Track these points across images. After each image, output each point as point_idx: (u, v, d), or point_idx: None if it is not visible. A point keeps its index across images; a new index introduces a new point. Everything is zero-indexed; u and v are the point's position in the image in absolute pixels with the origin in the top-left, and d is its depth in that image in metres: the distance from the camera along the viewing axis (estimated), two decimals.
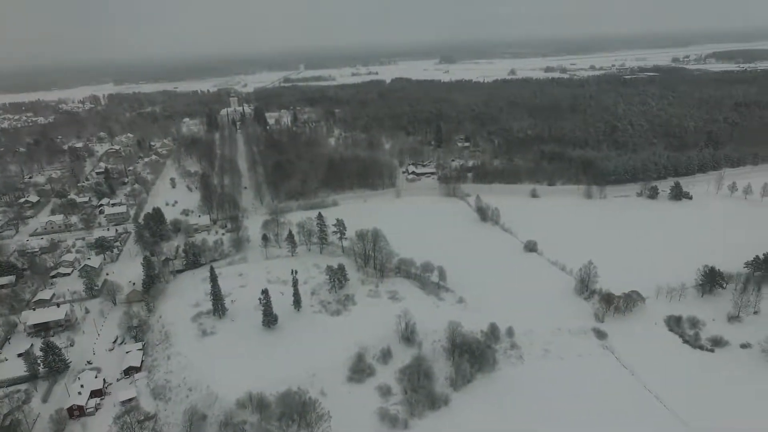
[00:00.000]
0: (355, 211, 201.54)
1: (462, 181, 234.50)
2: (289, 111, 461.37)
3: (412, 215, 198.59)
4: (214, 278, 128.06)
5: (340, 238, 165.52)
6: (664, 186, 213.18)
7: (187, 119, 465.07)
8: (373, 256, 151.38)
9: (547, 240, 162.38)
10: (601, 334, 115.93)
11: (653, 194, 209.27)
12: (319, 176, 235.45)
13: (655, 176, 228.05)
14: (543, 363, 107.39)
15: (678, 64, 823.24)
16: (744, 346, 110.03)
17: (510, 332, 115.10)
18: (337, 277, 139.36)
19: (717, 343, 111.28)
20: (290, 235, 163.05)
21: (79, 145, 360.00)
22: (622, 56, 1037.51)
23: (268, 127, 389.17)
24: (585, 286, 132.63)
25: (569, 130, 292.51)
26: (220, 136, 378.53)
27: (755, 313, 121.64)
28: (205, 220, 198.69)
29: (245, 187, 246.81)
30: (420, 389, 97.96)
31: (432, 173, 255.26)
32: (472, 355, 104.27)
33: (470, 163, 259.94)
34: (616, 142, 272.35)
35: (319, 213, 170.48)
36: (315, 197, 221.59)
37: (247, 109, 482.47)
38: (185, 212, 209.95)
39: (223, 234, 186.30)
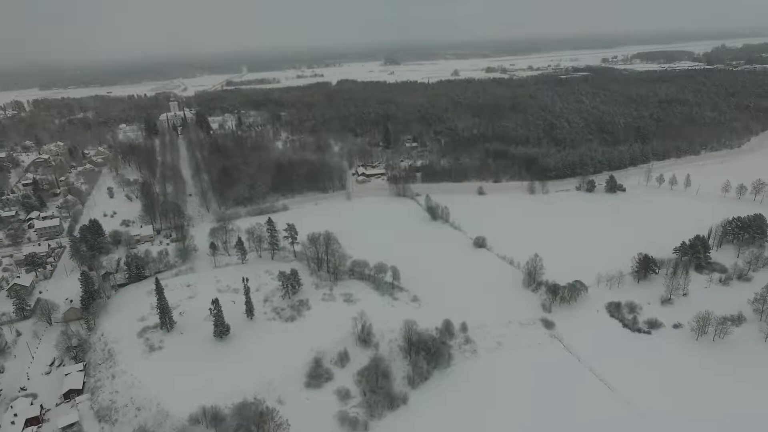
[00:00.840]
0: (306, 214, 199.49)
1: (411, 181, 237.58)
2: (233, 115, 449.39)
3: (364, 217, 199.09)
4: (160, 290, 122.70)
5: (292, 243, 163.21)
6: (600, 179, 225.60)
7: (123, 125, 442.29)
8: (326, 259, 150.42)
9: (495, 235, 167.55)
10: (548, 324, 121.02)
11: (591, 188, 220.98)
12: (267, 181, 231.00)
13: (592, 170, 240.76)
14: (496, 355, 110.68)
15: (607, 64, 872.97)
16: (676, 326, 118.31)
17: (464, 327, 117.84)
18: (290, 282, 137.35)
19: (653, 325, 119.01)
20: (239, 242, 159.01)
21: (2, 155, 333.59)
22: (557, 57, 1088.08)
23: (211, 132, 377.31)
24: (532, 278, 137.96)
25: (511, 129, 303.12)
26: (160, 143, 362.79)
27: (684, 295, 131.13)
28: (147, 230, 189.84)
29: (190, 195, 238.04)
30: (379, 390, 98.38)
31: (382, 174, 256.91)
32: (428, 352, 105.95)
33: (419, 163, 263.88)
34: (555, 139, 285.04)
35: (269, 218, 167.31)
36: (264, 202, 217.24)
37: (189, 113, 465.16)
38: (125, 223, 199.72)
39: (168, 244, 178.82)
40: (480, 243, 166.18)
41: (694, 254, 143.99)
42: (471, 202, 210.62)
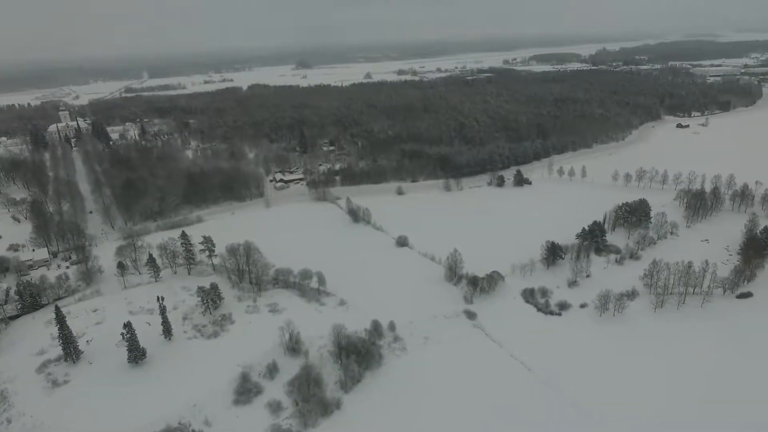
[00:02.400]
0: (224, 225, 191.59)
1: (331, 184, 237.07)
2: (136, 124, 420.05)
3: (285, 223, 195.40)
4: (61, 319, 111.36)
5: (209, 256, 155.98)
6: (509, 174, 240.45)
7: (4, 138, 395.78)
8: (248, 270, 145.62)
9: (416, 233, 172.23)
10: (471, 315, 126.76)
11: (501, 182, 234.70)
12: (178, 192, 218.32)
13: (501, 166, 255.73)
14: (424, 351, 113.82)
15: (508, 66, 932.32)
16: (582, 306, 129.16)
17: (392, 326, 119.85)
18: (211, 297, 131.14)
19: (563, 307, 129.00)
20: (151, 259, 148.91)
21: None
22: (463, 59, 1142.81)
23: (111, 143, 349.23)
24: (453, 272, 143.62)
25: (424, 129, 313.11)
26: (51, 156, 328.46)
27: (587, 276, 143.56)
28: (41, 253, 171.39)
29: (90, 212, 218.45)
30: (311, 398, 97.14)
31: (300, 179, 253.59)
32: (359, 354, 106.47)
33: (337, 167, 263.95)
34: (466, 138, 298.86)
35: (183, 231, 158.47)
36: (176, 215, 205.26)
37: (83, 123, 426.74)
38: (13, 247, 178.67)
39: (67, 267, 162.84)
40: (402, 242, 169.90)
41: (593, 239, 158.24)
42: (391, 203, 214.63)
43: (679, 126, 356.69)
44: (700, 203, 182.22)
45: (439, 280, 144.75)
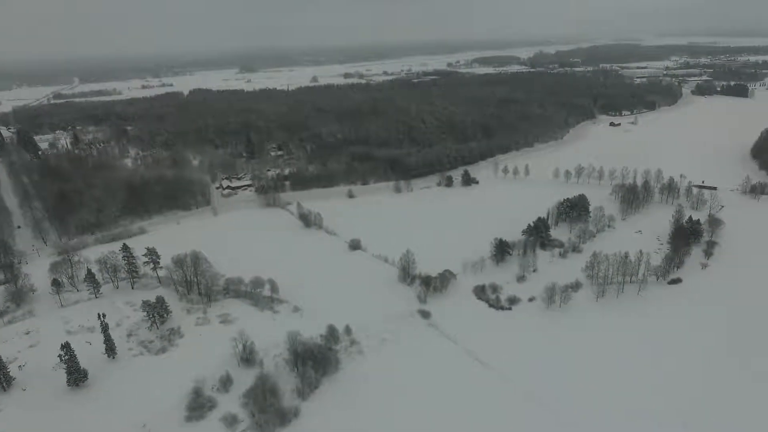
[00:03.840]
0: (169, 236, 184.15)
1: (280, 190, 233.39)
2: (68, 132, 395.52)
3: (234, 231, 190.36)
4: None
5: (154, 269, 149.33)
6: (457, 174, 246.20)
7: None
8: (196, 281, 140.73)
9: (369, 236, 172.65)
10: (425, 314, 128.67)
11: (449, 183, 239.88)
12: (117, 203, 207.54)
13: (449, 166, 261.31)
14: (381, 352, 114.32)
15: (452, 68, 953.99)
16: (531, 299, 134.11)
17: (348, 330, 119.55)
18: (157, 311, 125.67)
19: (512, 301, 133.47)
20: (90, 275, 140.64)
21: None
22: (408, 62, 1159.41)
23: (40, 153, 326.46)
24: (406, 273, 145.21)
25: (373, 132, 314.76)
26: None
27: (534, 271, 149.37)
28: None
29: (19, 227, 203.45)
30: (268, 408, 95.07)
31: (248, 185, 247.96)
32: (315, 360, 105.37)
33: (286, 171, 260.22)
34: (414, 140, 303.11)
35: (124, 244, 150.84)
36: (116, 227, 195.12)
37: (7, 132, 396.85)
38: None
39: None
40: (355, 245, 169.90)
41: (538, 234, 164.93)
42: (342, 206, 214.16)
43: (612, 124, 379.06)
44: (633, 197, 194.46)
45: (393, 282, 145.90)
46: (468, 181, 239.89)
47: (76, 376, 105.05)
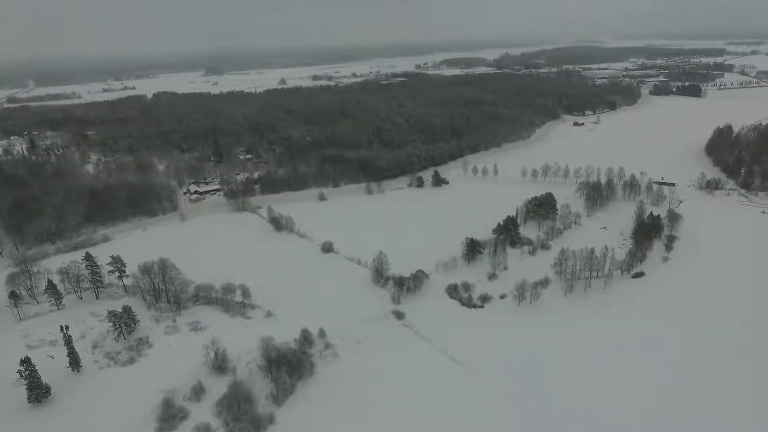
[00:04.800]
0: (134, 243, 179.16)
1: (250, 193, 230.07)
2: (23, 137, 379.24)
3: (203, 237, 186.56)
4: None
5: (120, 277, 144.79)
6: (427, 175, 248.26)
7: None
8: (165, 288, 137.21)
9: (341, 238, 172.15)
10: (399, 315, 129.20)
11: (420, 183, 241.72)
12: (79, 210, 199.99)
13: (419, 167, 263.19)
14: (356, 354, 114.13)
15: (420, 70, 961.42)
16: (502, 297, 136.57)
17: (322, 333, 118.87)
18: (123, 321, 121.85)
19: (484, 299, 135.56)
20: (51, 286, 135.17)
21: None
22: (377, 64, 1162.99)
23: None
24: (380, 274, 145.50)
25: (343, 134, 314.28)
26: None
27: (505, 269, 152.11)
28: None
29: None
30: (242, 416, 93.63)
31: (217, 190, 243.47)
32: (290, 365, 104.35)
33: (256, 175, 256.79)
34: (384, 141, 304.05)
35: (87, 253, 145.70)
36: (78, 235, 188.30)
37: None
38: None
39: None
40: (327, 248, 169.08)
41: (508, 232, 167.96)
42: (314, 209, 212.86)
43: (576, 124, 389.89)
44: (597, 194, 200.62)
45: (367, 283, 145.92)
46: (438, 181, 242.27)
47: (38, 392, 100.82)
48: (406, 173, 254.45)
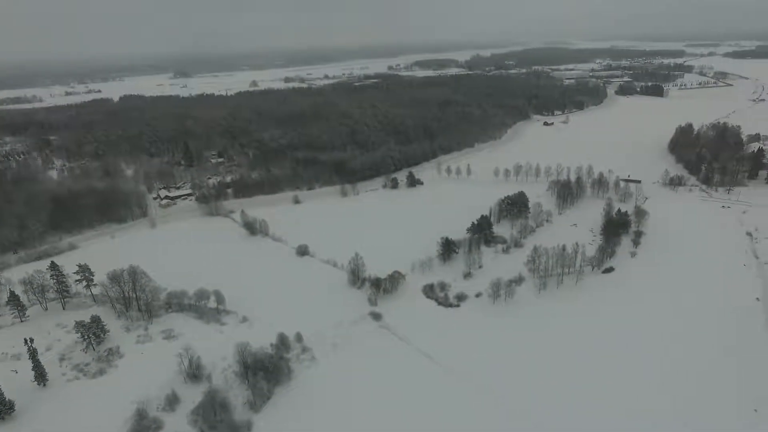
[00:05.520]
0: (103, 251, 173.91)
1: (223, 198, 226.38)
2: None
3: (175, 243, 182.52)
4: None
5: (88, 286, 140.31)
6: (402, 176, 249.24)
7: None
8: (135, 296, 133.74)
9: (317, 241, 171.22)
10: (376, 316, 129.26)
11: (395, 184, 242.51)
12: (42, 218, 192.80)
13: (393, 169, 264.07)
14: (334, 358, 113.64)
15: (393, 71, 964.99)
16: (478, 295, 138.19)
17: (299, 337, 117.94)
18: (92, 331, 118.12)
19: (460, 298, 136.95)
20: (13, 297, 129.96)
21: None
22: (349, 65, 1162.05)
23: None
24: (356, 276, 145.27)
25: (317, 136, 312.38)
26: None
27: (480, 267, 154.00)
28: None
29: None
30: (218, 424, 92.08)
31: (189, 194, 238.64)
32: (267, 371, 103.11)
33: (228, 179, 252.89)
34: (358, 143, 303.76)
35: (52, 262, 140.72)
36: (42, 244, 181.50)
37: None
38: None
39: None
40: (303, 251, 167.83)
41: (482, 231, 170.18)
42: (288, 212, 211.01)
43: (546, 124, 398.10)
44: (567, 192, 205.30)
45: (343, 286, 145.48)
46: (413, 182, 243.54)
47: (1, 408, 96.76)
48: (381, 174, 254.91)
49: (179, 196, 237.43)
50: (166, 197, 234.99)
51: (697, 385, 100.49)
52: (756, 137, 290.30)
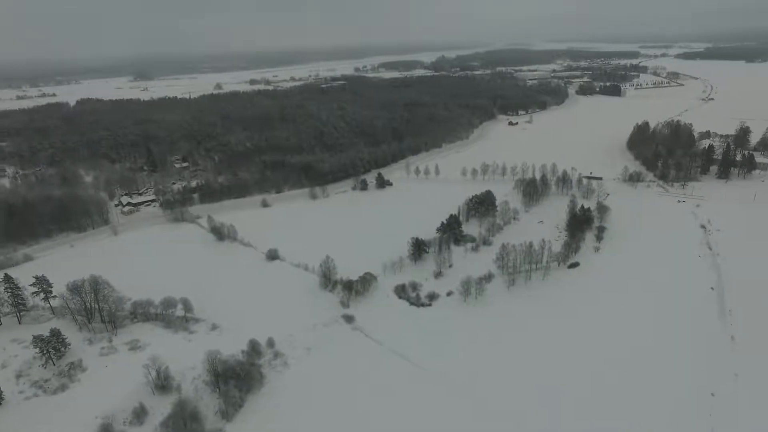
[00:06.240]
0: (61, 261, 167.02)
1: (188, 203, 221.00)
2: None
3: (140, 250, 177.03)
4: None
5: (46, 299, 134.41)
6: (371, 177, 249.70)
7: None
8: (98, 307, 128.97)
9: (287, 245, 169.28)
10: (349, 318, 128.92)
11: (364, 186, 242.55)
12: None
13: (362, 170, 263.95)
14: (307, 362, 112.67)
15: (359, 73, 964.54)
16: (449, 294, 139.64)
17: (271, 343, 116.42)
18: (52, 346, 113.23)
19: (432, 297, 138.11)
20: None
21: None
22: (315, 67, 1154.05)
23: None
24: (327, 279, 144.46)
25: (284, 139, 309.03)
26: None
27: (450, 266, 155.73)
28: None
29: None
30: None
31: (152, 201, 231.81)
32: (238, 378, 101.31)
33: (194, 184, 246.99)
34: (326, 145, 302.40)
35: (6, 274, 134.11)
36: None
37: None
38: None
39: None
40: (273, 255, 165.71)
41: (452, 230, 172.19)
42: (257, 216, 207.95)
43: (511, 123, 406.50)
44: (533, 190, 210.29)
45: (315, 289, 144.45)
46: (382, 183, 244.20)
47: None
48: (350, 176, 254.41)
49: (142, 203, 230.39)
50: (129, 204, 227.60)
51: (658, 372, 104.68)
52: (706, 134, 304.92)
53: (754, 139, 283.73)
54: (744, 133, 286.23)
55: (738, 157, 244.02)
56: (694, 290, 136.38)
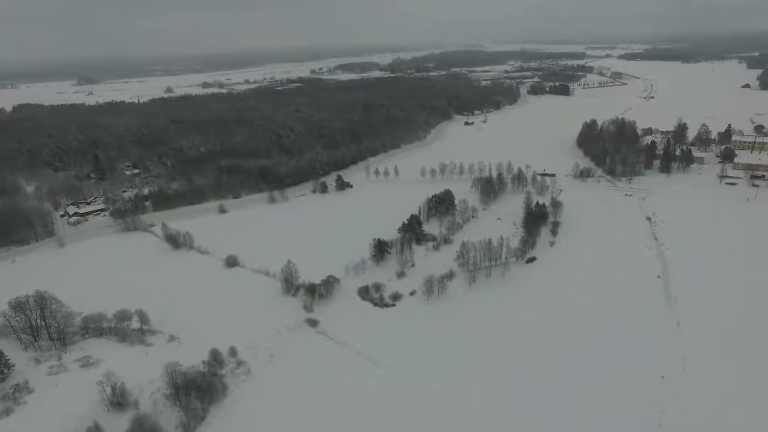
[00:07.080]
0: (3, 277, 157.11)
1: (141, 211, 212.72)
2: None
3: (89, 262, 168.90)
4: None
5: None
6: (330, 180, 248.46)
7: None
8: (45, 324, 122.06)
9: (247, 251, 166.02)
10: (313, 322, 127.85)
11: (324, 189, 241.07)
12: None
13: (322, 173, 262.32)
14: (271, 369, 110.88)
15: (316, 75, 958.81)
16: (412, 293, 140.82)
17: (233, 351, 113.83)
18: None
19: (395, 297, 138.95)
20: None
21: None
22: (271, 70, 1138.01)
23: None
24: (290, 284, 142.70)
25: (240, 143, 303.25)
26: None
27: (412, 266, 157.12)
28: None
29: None
30: None
31: (101, 210, 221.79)
32: (199, 390, 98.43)
33: (146, 191, 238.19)
34: (284, 148, 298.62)
35: None
36: None
37: None
38: None
39: None
40: (232, 262, 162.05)
41: (413, 230, 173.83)
42: (214, 223, 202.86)
43: (467, 123, 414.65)
44: (490, 188, 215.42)
45: (277, 295, 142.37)
46: (342, 185, 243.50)
47: None
48: (309, 179, 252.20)
49: (90, 212, 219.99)
50: (76, 214, 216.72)
51: (610, 356, 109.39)
52: (649, 131, 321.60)
53: (691, 134, 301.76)
54: (682, 129, 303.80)
55: (677, 152, 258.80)
56: (642, 279, 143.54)
